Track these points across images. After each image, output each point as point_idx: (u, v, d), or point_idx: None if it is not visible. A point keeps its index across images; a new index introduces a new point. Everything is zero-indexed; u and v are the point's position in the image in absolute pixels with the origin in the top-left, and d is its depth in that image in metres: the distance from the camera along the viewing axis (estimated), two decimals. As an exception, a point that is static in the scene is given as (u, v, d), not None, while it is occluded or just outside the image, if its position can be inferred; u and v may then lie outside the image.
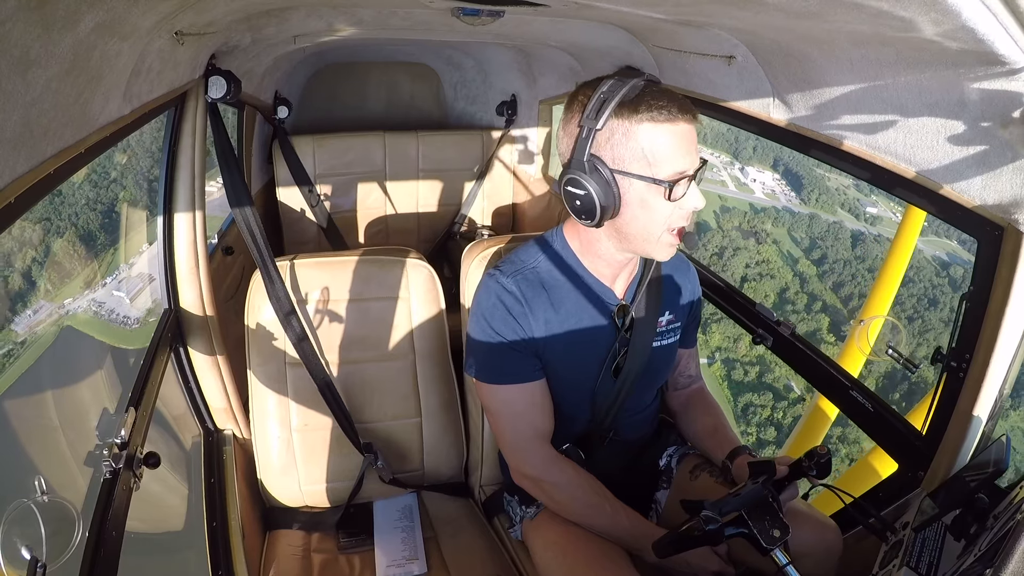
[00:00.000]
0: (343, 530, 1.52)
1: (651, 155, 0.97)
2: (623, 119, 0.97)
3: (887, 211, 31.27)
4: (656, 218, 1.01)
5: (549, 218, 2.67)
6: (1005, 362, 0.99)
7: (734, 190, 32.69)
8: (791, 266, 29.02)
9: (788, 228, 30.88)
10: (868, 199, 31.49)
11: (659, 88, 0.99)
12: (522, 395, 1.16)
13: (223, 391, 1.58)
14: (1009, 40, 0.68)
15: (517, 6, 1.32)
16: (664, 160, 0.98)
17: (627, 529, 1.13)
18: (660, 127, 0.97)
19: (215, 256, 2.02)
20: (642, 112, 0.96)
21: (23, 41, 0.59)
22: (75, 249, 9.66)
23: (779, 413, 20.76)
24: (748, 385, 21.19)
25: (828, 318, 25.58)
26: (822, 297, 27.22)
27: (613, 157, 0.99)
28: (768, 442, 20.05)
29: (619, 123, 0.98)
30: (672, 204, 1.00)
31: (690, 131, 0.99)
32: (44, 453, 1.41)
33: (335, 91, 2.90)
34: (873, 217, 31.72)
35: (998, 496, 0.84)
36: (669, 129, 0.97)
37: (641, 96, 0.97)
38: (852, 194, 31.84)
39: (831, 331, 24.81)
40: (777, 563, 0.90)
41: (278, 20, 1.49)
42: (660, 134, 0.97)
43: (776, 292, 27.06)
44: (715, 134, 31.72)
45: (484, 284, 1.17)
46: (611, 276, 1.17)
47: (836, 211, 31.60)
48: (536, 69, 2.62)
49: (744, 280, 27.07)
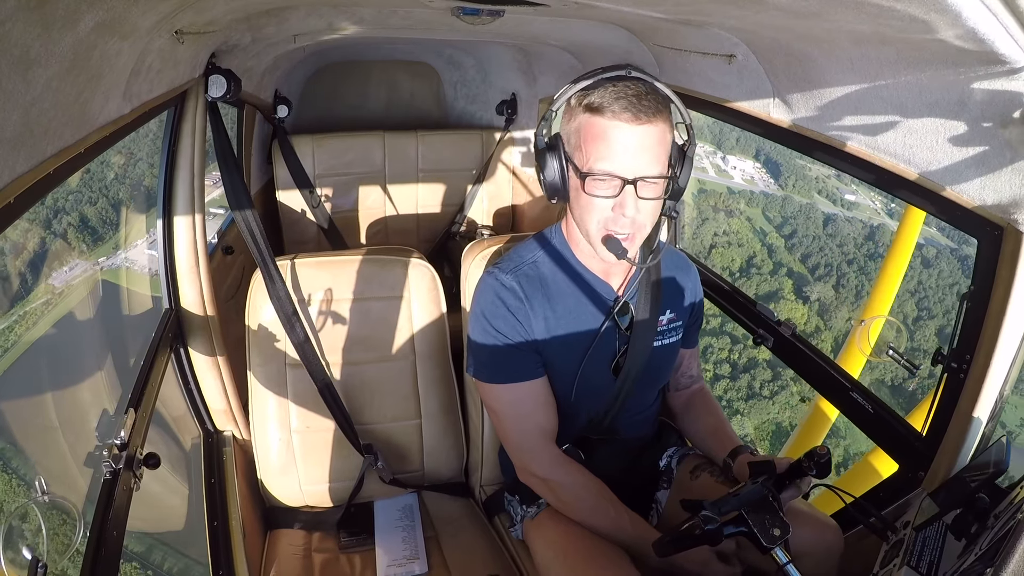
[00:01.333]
0: (344, 530, 1.52)
1: (584, 144, 1.01)
2: (576, 104, 1.02)
3: (866, 199, 32.66)
4: (584, 213, 1.05)
5: (549, 218, 2.67)
6: (1006, 362, 0.99)
7: (713, 175, 34.08)
8: (760, 239, 31.08)
9: (762, 209, 32.78)
10: (847, 187, 32.89)
11: (627, 84, 0.99)
12: (525, 393, 1.16)
13: (223, 392, 1.58)
14: (1009, 40, 0.68)
15: (517, 6, 1.32)
16: (590, 153, 1.00)
17: (629, 532, 1.13)
18: (596, 120, 0.99)
19: (215, 256, 2.02)
20: (591, 101, 0.99)
21: (23, 41, 0.59)
22: (107, 216, 11.19)
23: (735, 355, 23.02)
24: (709, 331, 23.15)
25: (791, 281, 28.09)
26: (788, 265, 29.37)
27: (567, 139, 1.05)
28: (723, 376, 22.26)
29: (572, 107, 1.03)
30: (600, 202, 1.02)
31: (632, 136, 0.98)
32: (44, 453, 1.42)
33: (335, 90, 2.90)
34: (850, 203, 33.10)
35: (999, 496, 0.85)
36: (604, 125, 0.98)
37: (604, 89, 0.99)
38: (832, 183, 33.38)
39: (793, 291, 27.59)
40: (777, 562, 0.90)
41: (278, 19, 1.49)
42: (593, 127, 0.99)
43: (744, 259, 29.34)
44: (698, 126, 33.77)
45: (483, 282, 1.17)
46: (605, 271, 1.17)
47: (813, 196, 33.32)
48: (536, 68, 2.61)
49: (712, 247, 29.16)
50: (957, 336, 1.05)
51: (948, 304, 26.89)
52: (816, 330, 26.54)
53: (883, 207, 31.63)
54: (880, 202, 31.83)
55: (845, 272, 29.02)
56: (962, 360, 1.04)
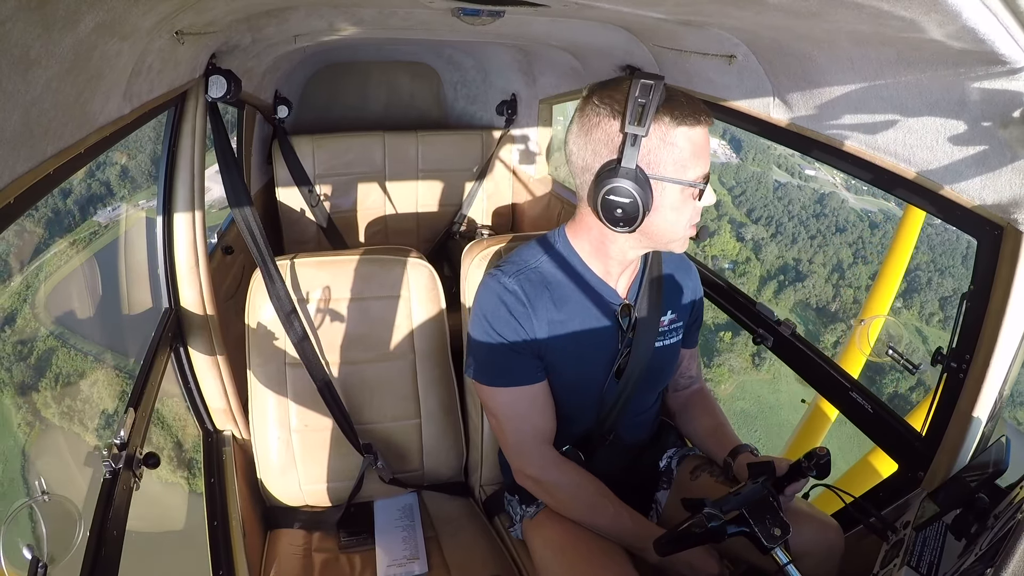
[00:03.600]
0: (344, 529, 1.52)
1: (685, 159, 1.00)
2: (661, 124, 0.98)
3: (826, 175, 34.94)
4: (683, 219, 1.05)
5: (549, 218, 2.67)
6: (1005, 362, 0.99)
7: (677, 149, 38.33)
8: (710, 194, 36.05)
9: (719, 175, 35.50)
10: (808, 164, 35.24)
11: (679, 91, 1.02)
12: (523, 397, 1.16)
13: (223, 391, 1.58)
14: (1009, 40, 0.68)
15: (517, 6, 1.32)
16: (694, 163, 1.01)
17: (629, 528, 1.13)
18: (692, 131, 0.99)
19: (215, 255, 2.02)
20: (676, 117, 0.98)
21: (23, 41, 0.59)
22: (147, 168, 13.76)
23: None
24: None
25: (731, 226, 32.07)
26: (732, 215, 32.99)
27: (649, 163, 0.99)
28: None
29: (656, 128, 0.98)
30: (695, 203, 1.04)
31: (707, 133, 1.03)
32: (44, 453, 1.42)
33: (335, 90, 2.90)
34: (809, 176, 36.01)
35: (998, 496, 0.85)
36: (699, 132, 1.00)
37: (671, 101, 0.98)
38: (794, 160, 35.95)
39: (731, 232, 31.65)
40: (778, 562, 0.90)
41: (278, 20, 1.49)
42: (691, 138, 0.99)
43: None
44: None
45: (485, 284, 1.17)
46: (616, 275, 1.17)
47: (772, 168, 36.14)
48: (536, 68, 2.61)
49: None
50: (957, 336, 1.05)
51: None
52: (747, 260, 31.60)
53: (843, 182, 33.84)
54: (840, 178, 33.64)
55: (784, 223, 33.47)
56: (962, 360, 1.04)
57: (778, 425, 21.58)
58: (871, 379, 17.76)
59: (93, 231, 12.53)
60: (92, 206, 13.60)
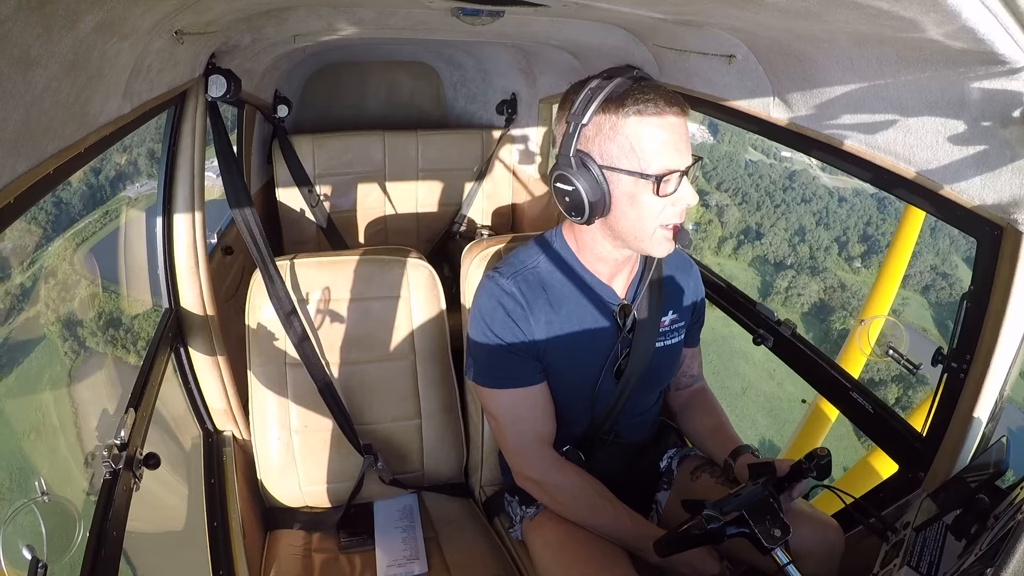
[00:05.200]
0: (344, 530, 1.52)
1: (639, 149, 0.97)
2: (610, 113, 0.97)
3: (802, 156, 39.17)
4: (645, 214, 1.01)
5: (549, 218, 2.67)
6: (1006, 362, 0.99)
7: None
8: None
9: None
10: (784, 148, 38.67)
11: (647, 83, 0.99)
12: (523, 399, 1.16)
13: (223, 391, 1.58)
14: (1009, 40, 0.68)
15: (517, 6, 1.32)
16: (652, 154, 0.97)
17: (629, 529, 1.13)
18: (647, 120, 0.96)
19: (215, 256, 2.02)
20: (628, 105, 0.96)
21: (23, 41, 0.59)
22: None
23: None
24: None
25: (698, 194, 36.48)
26: (701, 187, 36.81)
27: (601, 153, 0.99)
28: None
29: (606, 118, 0.98)
30: (662, 199, 0.99)
31: (679, 124, 0.98)
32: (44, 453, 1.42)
33: (335, 90, 2.90)
34: (783, 158, 39.74)
35: (999, 496, 0.84)
36: (656, 122, 0.96)
37: (628, 91, 0.97)
38: (769, 142, 39.44)
39: (698, 202, 35.48)
40: (778, 562, 0.90)
41: (278, 20, 1.49)
42: (647, 127, 0.96)
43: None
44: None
45: (483, 286, 1.17)
46: (611, 275, 1.16)
47: (748, 150, 38.85)
48: (536, 68, 2.61)
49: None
50: (957, 336, 1.05)
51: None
52: (709, 222, 34.35)
53: (817, 163, 36.04)
54: (816, 159, 35.82)
55: (750, 194, 36.60)
56: (962, 360, 1.04)
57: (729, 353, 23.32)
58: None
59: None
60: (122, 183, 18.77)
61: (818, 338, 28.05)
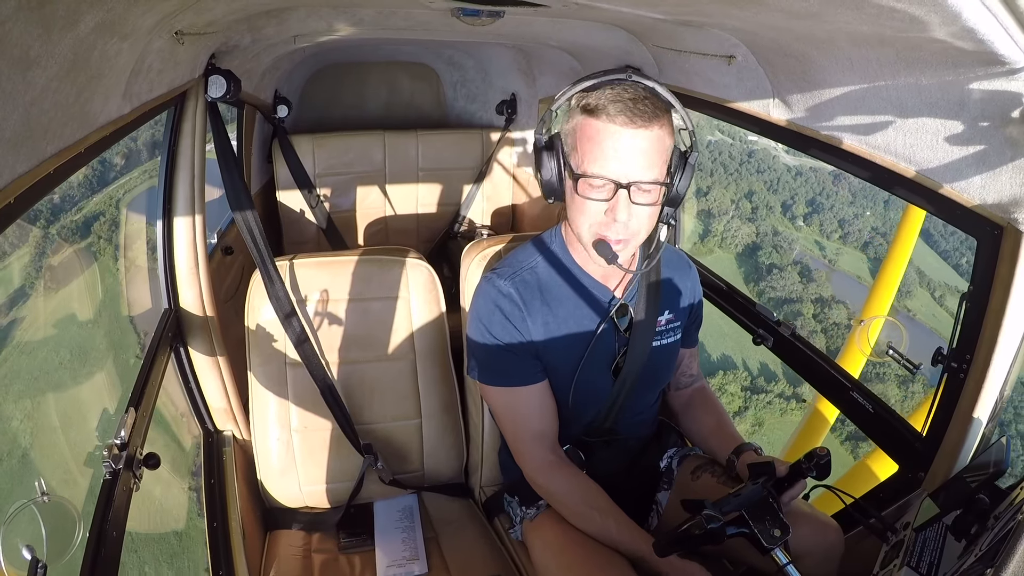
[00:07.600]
0: (344, 530, 1.52)
1: (579, 145, 1.00)
2: (575, 105, 1.02)
3: (768, 141, 41.17)
4: (576, 215, 1.04)
5: (549, 218, 2.67)
6: (1006, 362, 0.99)
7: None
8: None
9: None
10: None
11: (630, 91, 0.97)
12: (521, 398, 1.16)
13: (223, 391, 1.58)
14: (1009, 40, 0.68)
15: (517, 7, 1.32)
16: (584, 155, 1.00)
17: (615, 538, 1.11)
18: (591, 121, 0.98)
19: (215, 256, 2.02)
20: (588, 102, 0.99)
21: (23, 41, 0.59)
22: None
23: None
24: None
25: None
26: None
27: (564, 140, 1.05)
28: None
29: (571, 108, 1.03)
30: (593, 205, 1.01)
31: (627, 140, 0.96)
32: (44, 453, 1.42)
33: (335, 91, 2.90)
34: (750, 141, 41.92)
35: (999, 497, 0.84)
36: (599, 127, 0.98)
37: (603, 91, 0.98)
38: (738, 128, 42.69)
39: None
40: (777, 562, 0.90)
41: (278, 20, 1.49)
42: (588, 128, 0.99)
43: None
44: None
45: (481, 288, 1.17)
46: (605, 274, 1.17)
47: (715, 133, 41.02)
48: (536, 68, 2.62)
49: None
50: (957, 336, 1.05)
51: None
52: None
53: (783, 148, 38.76)
54: (781, 146, 38.20)
55: (706, 164, 39.25)
56: (962, 360, 1.04)
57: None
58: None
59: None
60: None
61: (748, 271, 33.79)
